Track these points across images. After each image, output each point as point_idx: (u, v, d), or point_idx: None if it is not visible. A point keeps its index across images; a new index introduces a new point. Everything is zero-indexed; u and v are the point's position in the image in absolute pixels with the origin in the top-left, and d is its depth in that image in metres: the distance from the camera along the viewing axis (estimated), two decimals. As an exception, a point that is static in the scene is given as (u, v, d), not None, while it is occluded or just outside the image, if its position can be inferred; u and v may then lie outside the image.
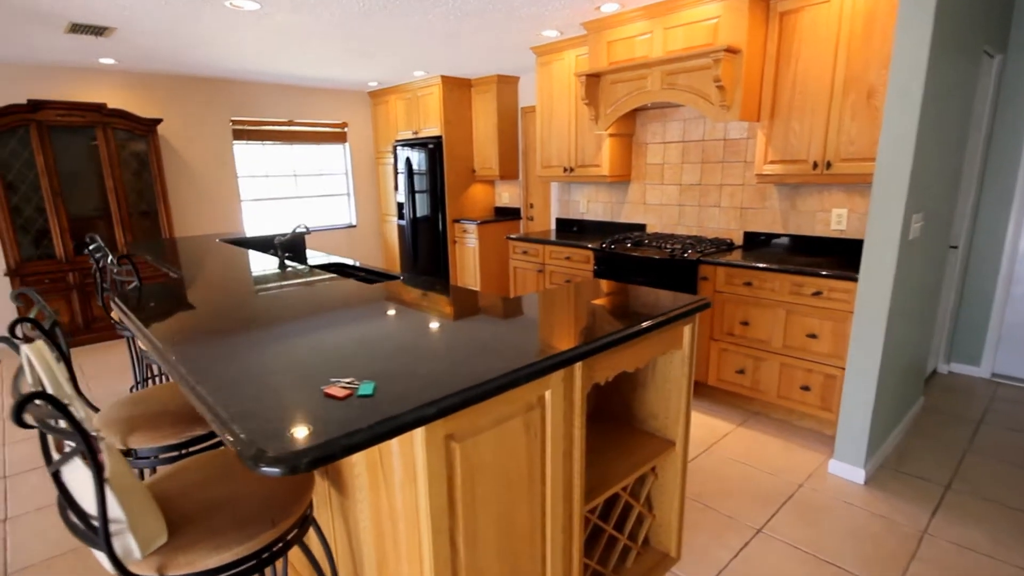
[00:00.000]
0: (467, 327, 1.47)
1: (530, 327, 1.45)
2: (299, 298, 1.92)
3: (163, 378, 3.32)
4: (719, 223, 3.86)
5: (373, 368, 1.16)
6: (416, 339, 1.37)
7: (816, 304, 2.88)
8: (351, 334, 1.42)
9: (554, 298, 1.78)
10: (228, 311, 1.74)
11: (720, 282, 3.26)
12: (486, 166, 5.99)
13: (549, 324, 1.49)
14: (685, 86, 3.30)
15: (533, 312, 1.63)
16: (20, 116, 4.33)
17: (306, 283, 2.23)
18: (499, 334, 1.38)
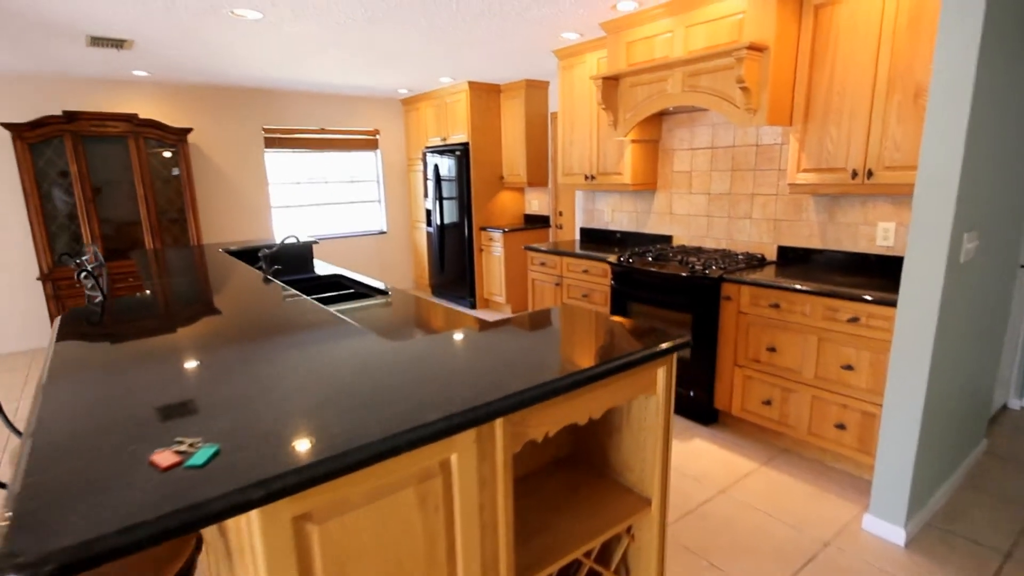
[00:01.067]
0: (375, 369, 1.29)
1: (444, 372, 1.25)
2: (226, 324, 1.79)
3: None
4: (750, 236, 3.52)
5: (237, 422, 0.99)
6: (310, 382, 1.20)
7: (852, 332, 2.54)
8: (243, 373, 1.26)
9: (495, 333, 1.58)
10: (140, 339, 1.64)
11: (744, 302, 2.95)
12: (514, 173, 5.82)
13: (471, 368, 1.28)
14: (707, 88, 3.02)
15: (466, 349, 1.43)
16: (56, 127, 4.50)
17: (259, 304, 2.12)
18: (403, 382, 1.19)
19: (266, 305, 2.05)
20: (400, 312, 2.25)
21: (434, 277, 6.58)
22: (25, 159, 4.43)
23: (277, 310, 1.96)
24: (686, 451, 2.98)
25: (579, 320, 1.67)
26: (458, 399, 1.09)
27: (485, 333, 1.56)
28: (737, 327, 3.01)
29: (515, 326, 1.62)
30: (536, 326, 1.62)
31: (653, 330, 1.56)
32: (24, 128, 4.39)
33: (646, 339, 1.48)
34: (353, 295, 2.95)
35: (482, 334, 1.56)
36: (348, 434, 0.93)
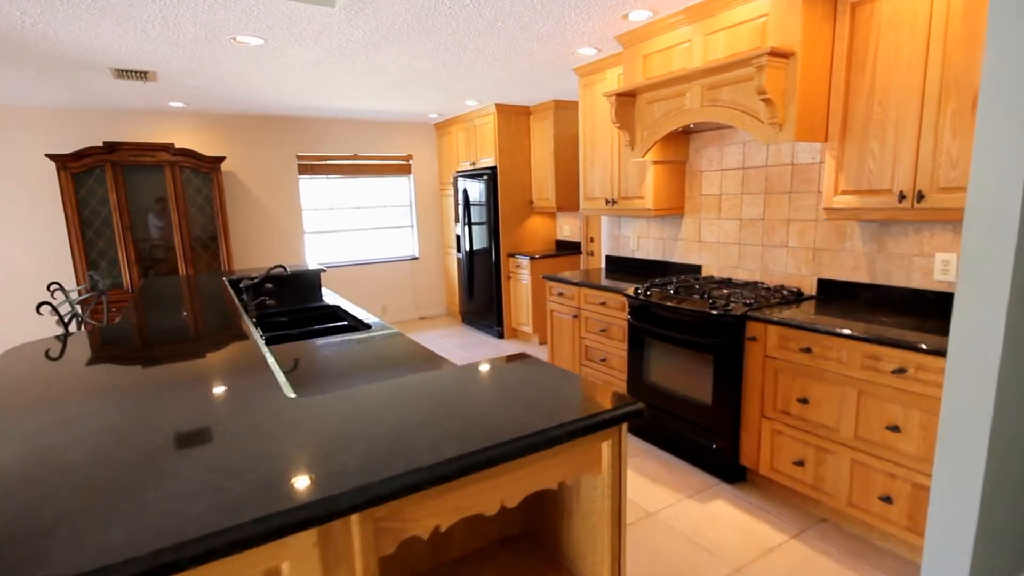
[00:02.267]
0: (223, 440, 1.08)
1: (304, 446, 1.02)
2: (126, 372, 1.64)
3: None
4: (786, 267, 3.11)
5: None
6: (131, 454, 1.01)
7: (899, 386, 2.11)
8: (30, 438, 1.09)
9: (412, 391, 1.33)
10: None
11: (772, 344, 2.56)
12: (543, 197, 5.60)
13: (340, 443, 1.04)
14: (728, 102, 2.69)
15: (358, 414, 1.19)
16: (97, 157, 4.71)
17: (193, 345, 1.97)
18: (240, 460, 0.97)
19: (200, 347, 1.91)
20: (349, 354, 2.05)
21: (463, 304, 6.42)
22: (68, 188, 4.65)
23: (203, 353, 1.81)
24: (703, 515, 2.59)
25: (523, 376, 1.41)
26: (287, 495, 0.86)
27: (400, 390, 1.33)
28: (764, 372, 2.62)
29: (442, 382, 1.38)
30: (466, 383, 1.37)
31: (613, 395, 1.27)
32: (68, 159, 4.62)
33: (591, 404, 1.19)
34: (343, 327, 2.79)
35: (395, 391, 1.32)
36: (101, 548, 0.72)
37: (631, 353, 3.32)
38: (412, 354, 2.01)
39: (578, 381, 1.34)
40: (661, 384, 3.13)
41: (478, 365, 1.50)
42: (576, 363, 3.90)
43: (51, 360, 1.70)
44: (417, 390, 1.31)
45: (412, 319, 6.89)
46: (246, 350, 1.76)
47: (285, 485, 0.89)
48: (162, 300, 2.84)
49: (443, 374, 1.42)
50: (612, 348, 3.56)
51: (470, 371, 1.44)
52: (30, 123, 4.84)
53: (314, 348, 2.13)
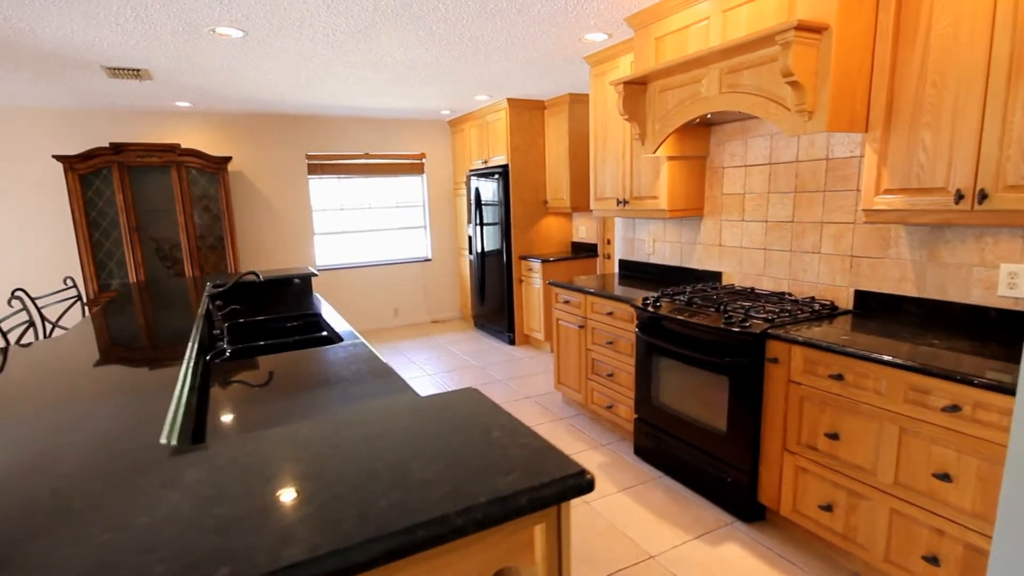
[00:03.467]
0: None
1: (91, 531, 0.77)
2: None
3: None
4: (818, 276, 2.73)
5: None
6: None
7: (951, 425, 1.74)
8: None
9: (278, 440, 1.06)
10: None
11: (796, 368, 2.20)
12: (558, 197, 5.30)
13: (182, 518, 0.79)
14: (750, 87, 2.34)
15: (193, 488, 0.94)
16: (104, 158, 4.65)
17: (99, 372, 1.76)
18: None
19: (106, 371, 1.69)
20: (293, 374, 1.81)
21: (475, 308, 6.17)
22: (75, 189, 4.61)
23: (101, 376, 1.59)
24: (714, 560, 2.25)
25: (455, 423, 1.12)
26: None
27: (293, 441, 1.07)
28: (787, 400, 2.26)
29: (350, 429, 1.11)
30: (381, 430, 1.10)
31: (559, 458, 0.98)
32: (75, 160, 4.57)
33: (527, 471, 0.90)
34: (317, 339, 2.56)
35: (284, 442, 1.06)
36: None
37: (639, 370, 2.99)
38: (362, 374, 1.75)
39: (521, 434, 1.05)
40: (671, 406, 2.80)
41: (410, 401, 1.23)
42: (582, 377, 3.59)
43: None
44: (313, 442, 1.04)
45: (424, 322, 6.68)
46: (162, 375, 1.54)
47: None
48: (125, 309, 2.67)
49: (356, 418, 1.15)
50: (620, 363, 3.23)
51: (391, 413, 1.17)
52: (38, 124, 4.82)
53: (257, 367, 1.90)
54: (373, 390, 1.64)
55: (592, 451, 3.22)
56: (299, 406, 1.52)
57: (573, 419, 3.68)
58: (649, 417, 2.97)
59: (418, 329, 6.38)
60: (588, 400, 3.57)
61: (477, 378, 4.57)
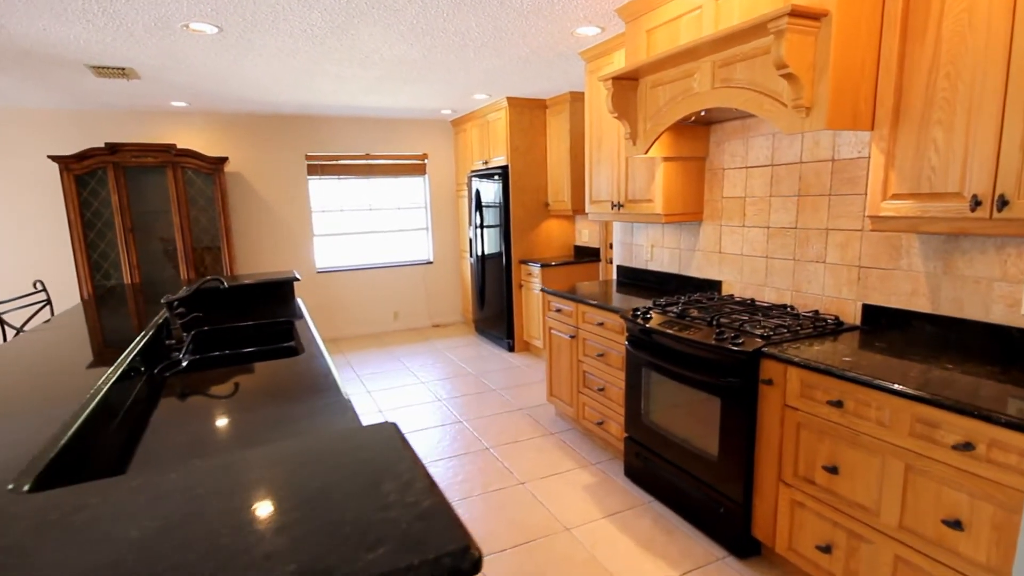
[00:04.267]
0: None
1: None
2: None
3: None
4: (823, 288, 2.51)
5: None
6: None
7: (963, 466, 1.52)
8: None
9: (118, 495, 0.91)
10: None
11: (792, 391, 1.99)
12: (559, 199, 5.11)
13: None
14: (743, 81, 2.14)
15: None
16: (99, 159, 4.61)
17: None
18: None
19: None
20: (218, 395, 1.67)
21: (475, 313, 6.01)
22: (71, 190, 4.58)
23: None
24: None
25: (343, 472, 0.96)
26: None
27: (137, 499, 0.92)
28: (782, 426, 2.05)
29: (201, 488, 0.95)
30: (245, 486, 0.94)
31: (444, 522, 0.81)
32: (70, 160, 4.54)
33: (402, 546, 0.74)
34: (279, 350, 2.43)
35: (123, 502, 0.91)
36: None
37: (629, 385, 2.80)
38: (303, 394, 1.61)
39: (415, 490, 0.88)
40: (662, 426, 2.60)
41: (312, 442, 1.07)
42: (573, 390, 3.40)
43: None
44: (168, 496, 0.89)
45: (425, 326, 6.55)
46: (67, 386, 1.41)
47: None
48: (76, 317, 2.57)
49: (233, 465, 0.99)
50: (611, 377, 3.04)
51: (279, 460, 1.01)
52: (34, 125, 4.81)
53: (202, 383, 1.77)
54: (305, 412, 1.49)
55: (580, 470, 3.03)
56: (211, 437, 1.38)
57: (564, 434, 3.50)
58: (639, 437, 2.78)
59: (418, 334, 6.25)
60: (579, 415, 3.38)
61: (471, 387, 4.41)
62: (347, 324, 6.17)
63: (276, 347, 2.31)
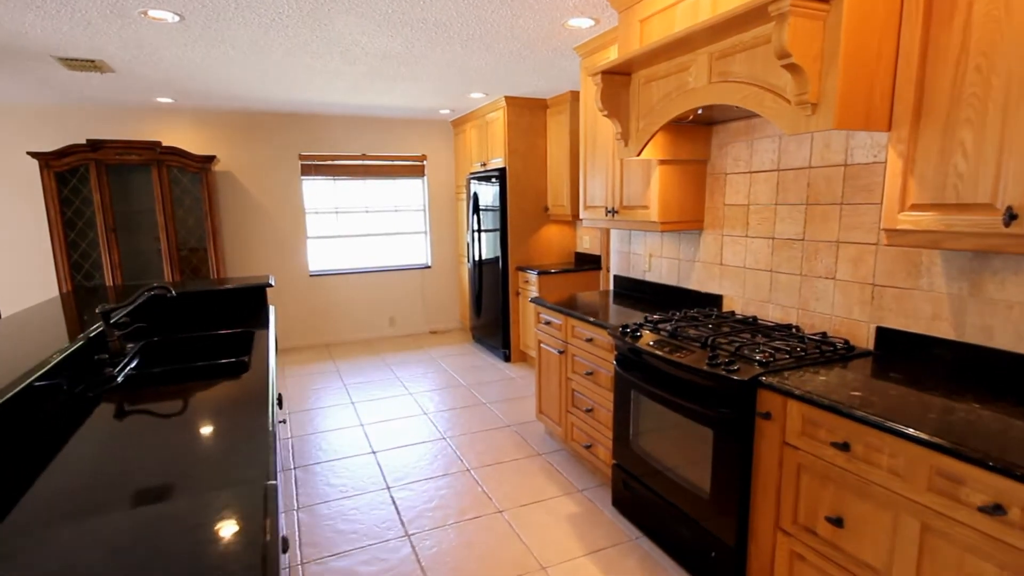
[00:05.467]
0: None
1: None
2: None
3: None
4: (833, 307, 2.25)
5: None
6: None
7: (991, 531, 1.27)
8: None
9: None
10: None
11: (793, 428, 1.74)
12: (559, 203, 4.88)
13: None
14: (743, 75, 1.90)
15: None
16: (81, 155, 4.48)
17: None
18: None
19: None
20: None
21: (472, 320, 5.80)
22: (51, 188, 4.45)
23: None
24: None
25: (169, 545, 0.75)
26: None
27: None
28: (781, 467, 1.80)
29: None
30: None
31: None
32: (50, 157, 4.41)
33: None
34: (221, 367, 2.23)
35: None
36: None
37: (617, 408, 2.56)
38: (215, 427, 1.40)
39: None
40: (651, 454, 2.36)
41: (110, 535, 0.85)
42: (562, 409, 3.17)
43: None
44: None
45: (422, 333, 6.35)
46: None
47: None
48: (6, 325, 2.40)
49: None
50: (600, 398, 2.81)
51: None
52: (12, 120, 4.68)
53: (118, 408, 1.57)
54: (216, 454, 1.29)
55: (565, 498, 2.80)
56: (101, 482, 1.18)
57: (552, 455, 3.26)
58: (627, 465, 2.54)
59: (413, 340, 6.05)
60: (567, 436, 3.15)
61: (461, 400, 4.20)
62: (341, 329, 5.99)
63: (223, 363, 2.10)
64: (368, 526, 2.58)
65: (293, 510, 2.72)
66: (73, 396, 1.75)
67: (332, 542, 2.46)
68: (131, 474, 1.21)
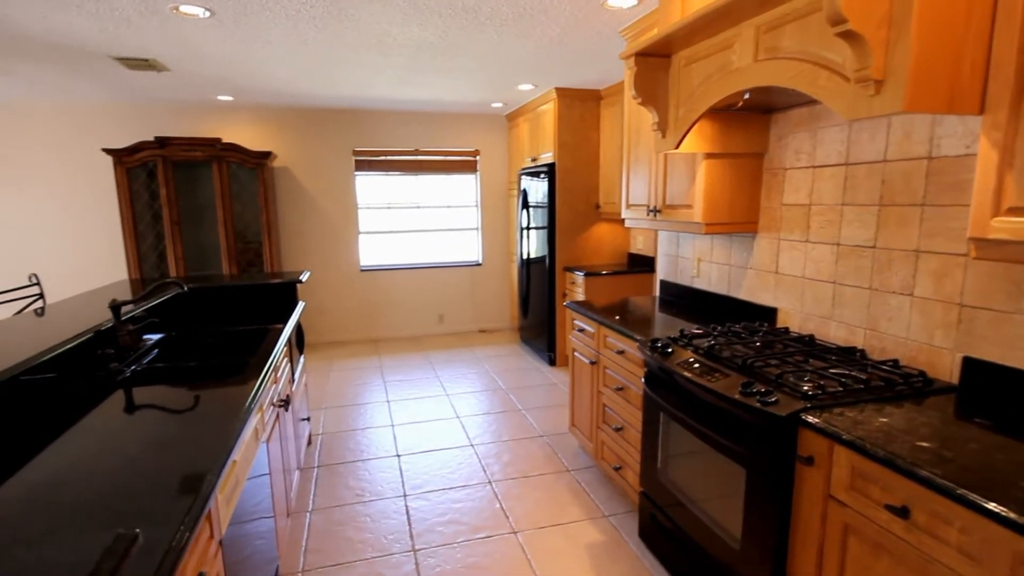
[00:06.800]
0: None
1: None
2: None
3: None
4: (909, 330, 1.87)
5: None
6: None
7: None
8: None
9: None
10: None
11: (839, 479, 1.43)
12: (611, 200, 4.60)
13: None
14: (794, 51, 1.58)
15: None
16: (150, 152, 4.71)
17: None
18: None
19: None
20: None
21: (520, 320, 5.62)
22: (123, 183, 4.72)
23: None
24: None
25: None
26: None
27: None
28: (825, 524, 1.49)
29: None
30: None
31: None
32: (123, 153, 4.67)
33: None
34: (221, 367, 2.18)
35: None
36: None
37: (645, 431, 2.30)
38: (180, 442, 1.31)
39: None
40: (680, 487, 2.08)
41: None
42: (593, 424, 2.92)
43: None
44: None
45: (471, 331, 6.24)
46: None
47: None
48: (30, 318, 2.47)
49: None
50: (630, 416, 2.54)
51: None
52: (89, 118, 5.00)
53: (112, 408, 1.52)
54: (141, 485, 1.19)
55: (588, 523, 2.56)
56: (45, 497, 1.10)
57: (581, 473, 3.02)
58: (654, 495, 2.27)
59: (461, 339, 5.95)
60: (598, 453, 2.90)
61: (497, 404, 4.04)
62: (390, 325, 6.01)
63: (222, 364, 2.05)
64: (376, 536, 2.47)
65: (307, 512, 2.67)
66: (66, 392, 1.74)
67: (338, 550, 2.37)
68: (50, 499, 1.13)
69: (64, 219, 5.10)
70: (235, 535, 1.52)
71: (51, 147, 4.98)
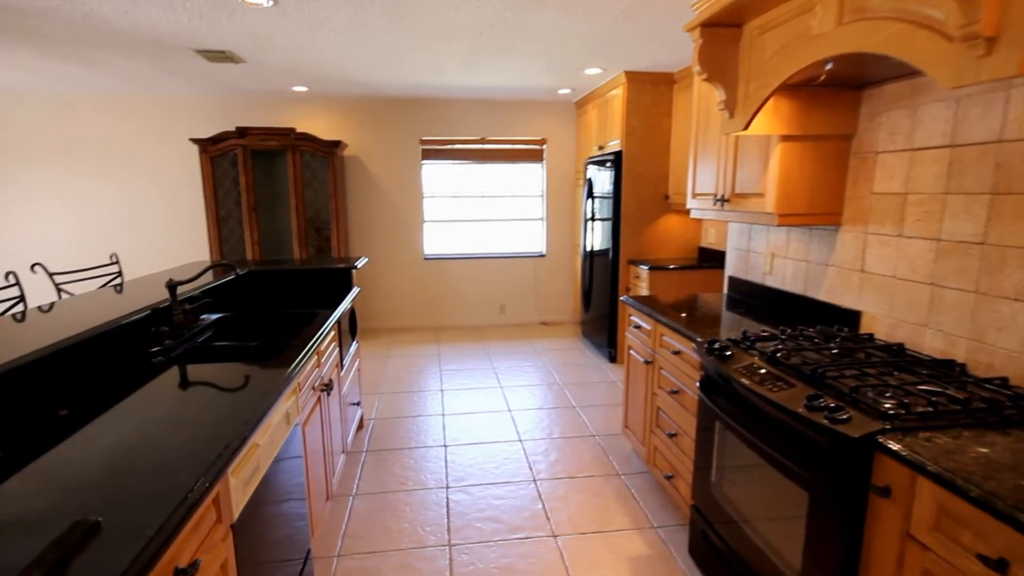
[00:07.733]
0: None
1: None
2: None
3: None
4: (1022, 342, 1.57)
5: None
6: None
7: None
8: None
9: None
10: None
11: (922, 519, 1.20)
12: (681, 190, 4.33)
13: None
14: (885, 9, 1.34)
15: None
16: (231, 142, 4.97)
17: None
18: None
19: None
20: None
21: (582, 314, 5.45)
22: (207, 171, 5.01)
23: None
24: None
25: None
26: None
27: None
28: (902, 566, 1.26)
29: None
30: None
31: None
32: (208, 143, 4.96)
33: None
34: (255, 350, 2.21)
35: None
36: None
37: (699, 440, 2.10)
38: (174, 455, 1.30)
39: None
40: (735, 505, 1.88)
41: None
42: (646, 428, 2.74)
43: None
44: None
45: (532, 323, 6.15)
46: None
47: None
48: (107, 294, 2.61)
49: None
50: (684, 422, 2.35)
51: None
52: (178, 111, 5.33)
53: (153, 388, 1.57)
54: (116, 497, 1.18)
55: (635, 533, 2.40)
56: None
57: (632, 478, 2.85)
58: (706, 510, 2.07)
59: (522, 331, 5.88)
60: (650, 459, 2.72)
61: (551, 399, 3.92)
62: (451, 314, 6.03)
63: (263, 346, 2.08)
64: (414, 527, 2.44)
65: (350, 495, 2.69)
66: (114, 367, 1.81)
67: (374, 538, 2.36)
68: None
69: (156, 205, 5.51)
70: (265, 515, 1.52)
71: (146, 137, 5.38)
